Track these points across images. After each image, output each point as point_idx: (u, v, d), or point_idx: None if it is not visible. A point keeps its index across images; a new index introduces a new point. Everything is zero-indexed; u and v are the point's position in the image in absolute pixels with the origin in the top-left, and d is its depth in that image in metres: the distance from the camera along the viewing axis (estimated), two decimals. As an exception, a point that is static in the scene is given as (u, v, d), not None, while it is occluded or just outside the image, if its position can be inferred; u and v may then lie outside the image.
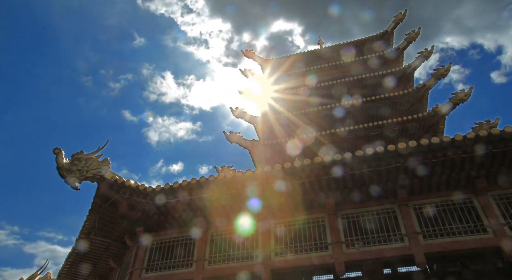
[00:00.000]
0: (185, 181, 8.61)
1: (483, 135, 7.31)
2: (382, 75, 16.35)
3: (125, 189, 8.79)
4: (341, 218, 8.77)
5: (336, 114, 15.85)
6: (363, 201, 8.85)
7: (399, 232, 8.15)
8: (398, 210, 8.52)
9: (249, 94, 18.19)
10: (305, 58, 19.83)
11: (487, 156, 7.74)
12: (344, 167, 8.04)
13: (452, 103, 13.83)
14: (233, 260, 8.74)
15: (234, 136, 16.19)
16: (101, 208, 9.25)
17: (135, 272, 9.08)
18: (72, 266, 11.34)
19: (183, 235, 9.53)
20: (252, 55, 20.66)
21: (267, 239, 8.80)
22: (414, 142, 7.59)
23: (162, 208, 9.14)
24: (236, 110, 17.25)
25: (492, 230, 7.64)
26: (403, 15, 19.37)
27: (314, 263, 8.22)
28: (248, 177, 8.37)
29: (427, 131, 14.75)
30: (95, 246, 10.54)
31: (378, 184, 8.46)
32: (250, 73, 19.51)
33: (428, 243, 7.79)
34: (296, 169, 8.15)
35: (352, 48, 19.43)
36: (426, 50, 16.48)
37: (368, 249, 8.05)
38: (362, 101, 15.41)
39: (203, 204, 9.01)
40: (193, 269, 8.80)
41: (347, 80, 16.58)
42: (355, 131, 14.77)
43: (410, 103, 15.71)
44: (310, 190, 8.66)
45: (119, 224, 9.78)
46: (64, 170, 8.13)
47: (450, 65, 15.24)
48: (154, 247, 9.58)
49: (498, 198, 8.17)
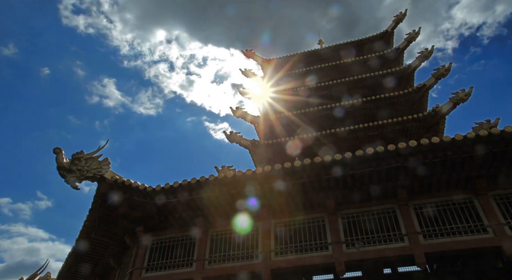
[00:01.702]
0: (185, 181, 8.61)
1: (483, 135, 7.31)
2: (382, 75, 16.34)
3: (125, 188, 8.79)
4: (341, 217, 8.77)
5: (336, 114, 15.85)
6: (363, 201, 8.86)
7: (399, 232, 8.16)
8: (398, 210, 8.52)
9: (250, 94, 18.19)
10: (305, 58, 19.82)
11: (487, 156, 7.74)
12: (344, 167, 8.04)
13: (452, 103, 13.83)
14: (233, 260, 8.74)
15: (234, 136, 16.19)
16: (101, 208, 9.25)
17: (135, 272, 9.08)
18: (72, 266, 11.34)
19: (183, 235, 9.53)
20: (252, 55, 20.65)
21: (267, 238, 8.80)
22: (414, 142, 7.59)
23: (162, 208, 9.14)
24: (236, 110, 17.25)
25: (492, 230, 7.65)
26: (403, 15, 19.38)
27: (314, 263, 8.23)
28: (248, 177, 8.37)
29: (427, 131, 14.75)
30: (95, 246, 10.55)
31: (378, 183, 8.46)
32: (250, 73, 19.52)
33: (428, 243, 7.80)
34: (296, 169, 8.15)
35: (352, 48, 19.42)
36: (426, 50, 16.46)
37: (368, 249, 8.05)
38: (362, 101, 15.41)
39: (203, 203, 9.01)
40: (193, 269, 8.80)
41: (347, 80, 16.58)
42: (355, 131, 14.77)
43: (410, 103, 15.71)
44: (310, 189, 8.66)
45: (119, 224, 9.78)
46: (65, 170, 8.13)
47: (450, 65, 15.23)
48: (154, 246, 9.58)
49: (498, 198, 8.17)
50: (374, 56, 17.47)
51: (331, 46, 20.01)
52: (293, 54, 19.92)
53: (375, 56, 17.49)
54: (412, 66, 16.39)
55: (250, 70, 19.63)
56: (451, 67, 15.23)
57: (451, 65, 15.23)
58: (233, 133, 16.29)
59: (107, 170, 8.60)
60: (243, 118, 17.17)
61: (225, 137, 16.50)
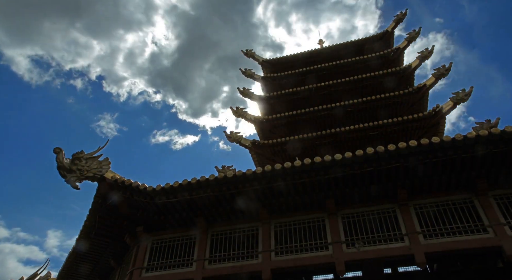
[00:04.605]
0: (185, 181, 8.61)
1: (484, 135, 7.31)
2: (382, 75, 16.33)
3: (126, 188, 8.79)
4: (341, 217, 8.77)
5: (336, 114, 15.84)
6: (364, 201, 8.86)
7: (399, 232, 8.16)
8: (398, 210, 8.52)
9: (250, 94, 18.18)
10: (305, 58, 19.80)
11: (487, 156, 7.74)
12: (344, 167, 8.04)
13: (453, 103, 13.82)
14: (233, 260, 8.74)
15: (234, 136, 16.19)
16: (101, 208, 9.26)
17: (135, 272, 9.08)
18: (72, 266, 11.34)
19: (183, 235, 9.52)
20: (252, 55, 20.64)
21: (267, 238, 8.80)
22: (415, 142, 7.59)
23: (162, 208, 9.14)
24: (237, 110, 17.25)
25: (492, 230, 7.65)
26: (403, 15, 19.36)
27: (314, 263, 8.23)
28: (248, 177, 8.36)
29: (428, 131, 14.75)
30: (95, 245, 10.55)
31: (378, 183, 8.46)
32: (250, 73, 19.51)
33: (428, 243, 7.80)
34: (296, 169, 8.15)
35: (352, 48, 19.41)
36: (426, 50, 16.47)
37: (368, 249, 8.05)
38: (362, 101, 15.40)
39: (203, 203, 9.01)
40: (193, 268, 8.80)
41: (347, 80, 16.56)
42: (355, 131, 14.76)
43: (410, 103, 15.70)
44: (310, 189, 8.66)
45: (120, 224, 9.78)
46: (65, 170, 8.13)
47: (451, 65, 15.22)
48: (154, 246, 9.57)
49: (498, 198, 8.17)
50: (374, 56, 17.46)
51: (331, 46, 19.98)
52: (293, 54, 19.90)
53: (375, 56, 17.48)
54: (412, 66, 16.39)
55: (250, 70, 19.62)
56: (451, 67, 15.22)
57: (451, 65, 15.23)
58: (233, 133, 16.28)
59: (107, 169, 8.61)
60: (243, 118, 17.17)
61: (225, 137, 16.51)
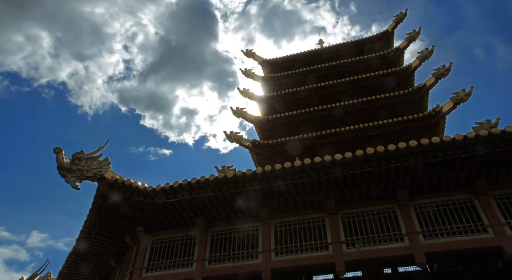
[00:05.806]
0: (185, 181, 8.61)
1: (484, 135, 7.31)
2: (382, 75, 16.35)
3: (126, 188, 8.79)
4: (341, 217, 8.76)
5: (336, 114, 15.85)
6: (364, 201, 8.85)
7: (399, 232, 8.15)
8: (398, 210, 8.51)
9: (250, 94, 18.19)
10: (306, 58, 19.80)
11: (487, 156, 7.74)
12: (344, 167, 8.04)
13: (453, 102, 13.83)
14: (233, 260, 8.74)
15: (234, 136, 16.19)
16: (101, 208, 9.26)
17: (135, 272, 9.08)
18: (72, 266, 11.34)
19: (183, 235, 9.52)
20: (252, 55, 20.65)
21: (267, 238, 8.80)
22: (415, 142, 7.59)
23: (162, 208, 9.14)
24: (237, 110, 17.24)
25: (492, 230, 7.64)
26: (403, 15, 19.36)
27: (314, 263, 8.22)
28: (248, 177, 8.37)
29: (428, 131, 14.76)
30: (95, 245, 10.55)
31: (378, 183, 8.46)
32: (250, 73, 19.52)
33: (429, 243, 7.79)
34: (296, 169, 8.15)
35: (352, 48, 19.41)
36: (426, 50, 16.48)
37: (368, 249, 8.05)
38: (362, 101, 15.41)
39: (203, 203, 9.01)
40: (193, 268, 8.80)
41: (347, 80, 16.57)
42: (355, 131, 14.77)
43: (410, 103, 15.71)
44: (310, 189, 8.66)
45: (120, 224, 9.78)
46: (65, 170, 8.13)
47: (451, 65, 15.23)
48: (154, 246, 9.57)
49: (498, 197, 8.16)
50: (374, 56, 17.47)
51: (331, 46, 19.99)
52: (293, 54, 19.90)
53: (375, 56, 17.49)
54: (412, 66, 16.40)
55: (251, 70, 19.62)
56: (451, 67, 15.23)
57: (451, 65, 15.23)
58: (233, 133, 16.29)
59: (107, 169, 8.61)
60: (243, 118, 17.17)
61: (225, 137, 16.51)
